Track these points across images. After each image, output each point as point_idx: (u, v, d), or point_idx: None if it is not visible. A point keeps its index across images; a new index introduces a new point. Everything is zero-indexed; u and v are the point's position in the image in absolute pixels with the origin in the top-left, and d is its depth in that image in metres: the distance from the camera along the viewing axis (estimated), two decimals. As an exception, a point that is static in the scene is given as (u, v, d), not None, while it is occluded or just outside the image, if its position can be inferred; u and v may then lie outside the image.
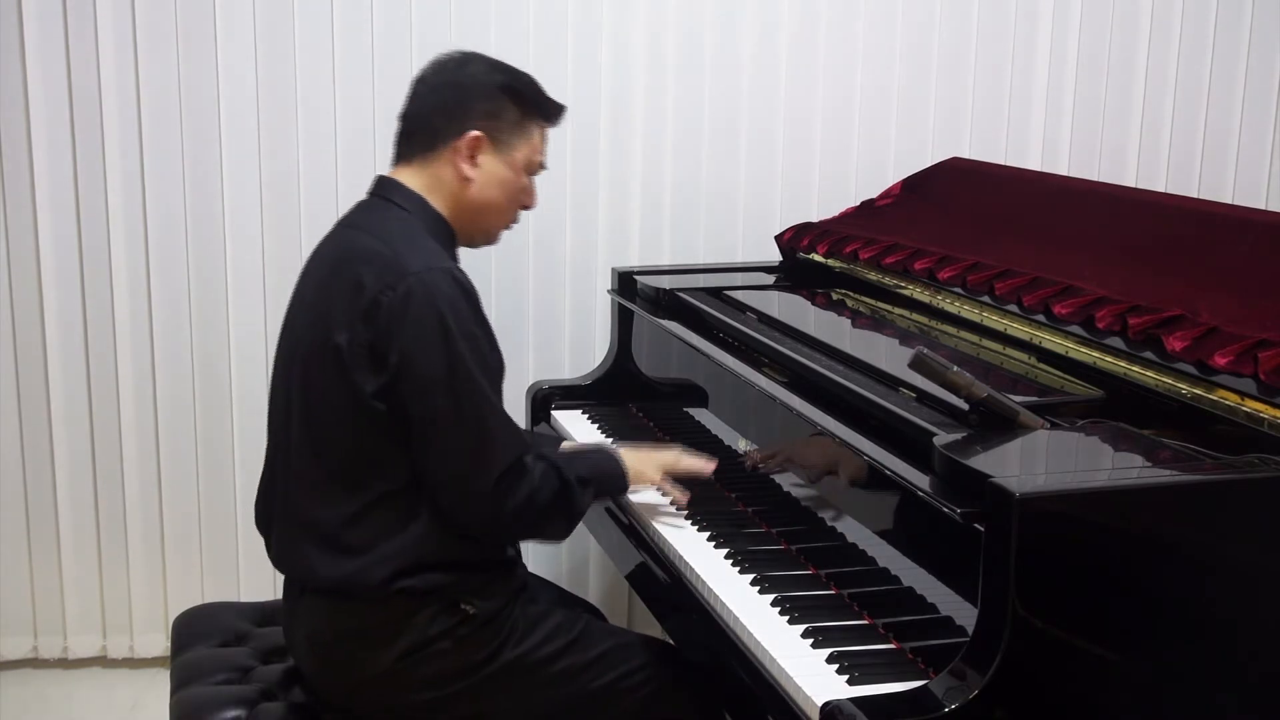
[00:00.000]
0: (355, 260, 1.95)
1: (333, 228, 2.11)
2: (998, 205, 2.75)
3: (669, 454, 2.25)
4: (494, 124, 2.05)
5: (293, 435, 2.00)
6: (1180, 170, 3.42)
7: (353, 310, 1.91)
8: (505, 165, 2.07)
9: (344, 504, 1.94)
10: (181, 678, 2.13)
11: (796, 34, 3.19)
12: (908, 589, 1.78)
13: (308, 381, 1.97)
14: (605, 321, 3.13)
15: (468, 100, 2.05)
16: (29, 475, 3.10)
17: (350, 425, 1.93)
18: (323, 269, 2.03)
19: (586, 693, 2.01)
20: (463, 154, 2.04)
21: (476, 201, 2.07)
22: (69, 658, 3.17)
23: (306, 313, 2.02)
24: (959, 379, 1.77)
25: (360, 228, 2.03)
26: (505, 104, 2.06)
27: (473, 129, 2.03)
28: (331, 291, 1.96)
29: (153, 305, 3.05)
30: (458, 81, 2.06)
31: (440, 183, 2.06)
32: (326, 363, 1.93)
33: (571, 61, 3.10)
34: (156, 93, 2.97)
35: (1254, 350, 1.82)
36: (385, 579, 1.93)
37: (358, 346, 1.90)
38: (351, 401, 1.91)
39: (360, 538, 1.94)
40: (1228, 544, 1.61)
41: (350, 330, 1.90)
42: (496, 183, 2.07)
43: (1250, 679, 1.65)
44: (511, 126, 2.07)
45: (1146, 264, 2.23)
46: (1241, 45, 3.39)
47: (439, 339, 1.88)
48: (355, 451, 1.94)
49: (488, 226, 2.14)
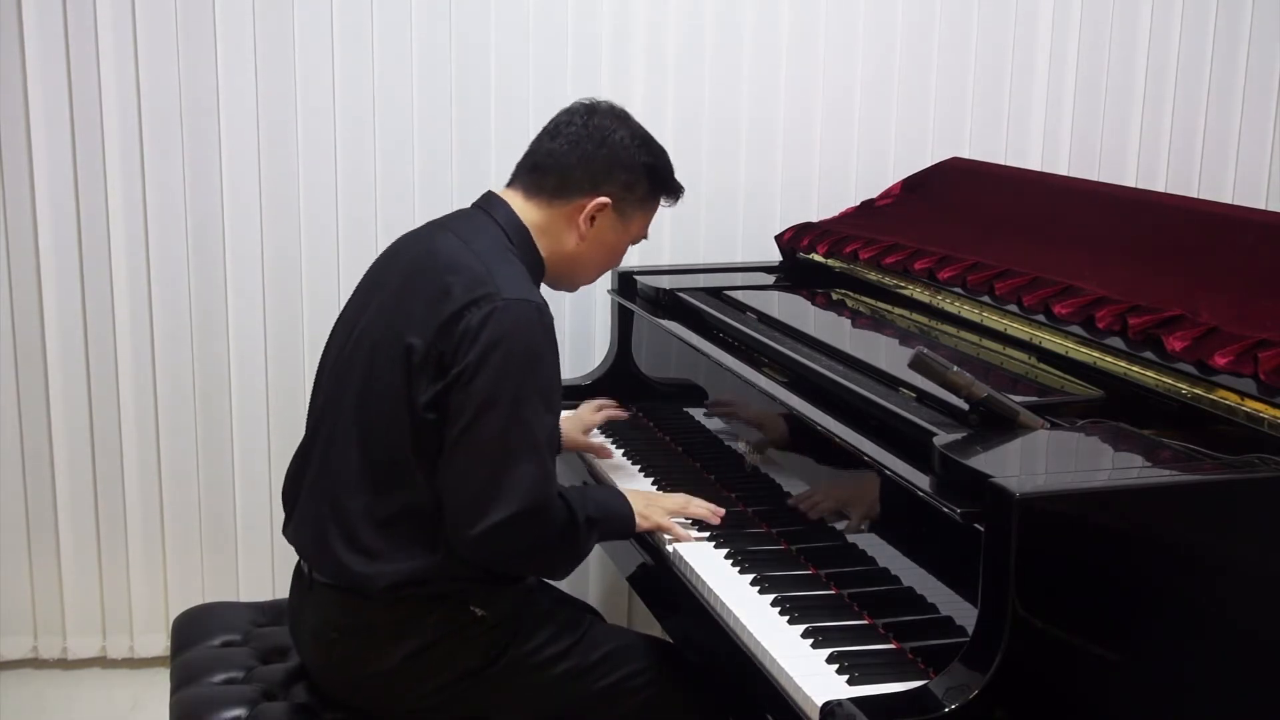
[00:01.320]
0: (446, 268, 1.95)
1: (423, 226, 2.13)
2: (998, 205, 2.75)
3: (677, 498, 2.21)
4: (625, 194, 2.10)
5: (341, 418, 2.00)
6: (1180, 170, 3.42)
7: (433, 316, 1.90)
8: (618, 233, 2.13)
9: (373, 503, 1.94)
10: (181, 678, 2.13)
11: (796, 34, 3.19)
12: (908, 589, 1.78)
13: (372, 371, 1.97)
14: (605, 321, 3.13)
15: (612, 166, 2.08)
16: (29, 475, 3.09)
17: (400, 427, 1.92)
18: (407, 267, 2.03)
19: (589, 694, 2.01)
20: (586, 213, 2.07)
21: (579, 259, 2.13)
22: (69, 658, 3.17)
23: (383, 304, 2.01)
24: (959, 379, 1.77)
25: (457, 235, 2.03)
26: (641, 180, 2.11)
27: (605, 194, 2.07)
28: (415, 291, 1.96)
29: (153, 305, 3.04)
30: (607, 142, 2.08)
31: (553, 228, 2.09)
32: (395, 359, 1.93)
33: (572, 61, 3.10)
34: (156, 93, 2.97)
35: (1254, 350, 1.82)
36: (396, 585, 1.93)
37: (429, 353, 1.90)
38: (407, 404, 1.91)
39: (380, 542, 1.93)
40: (1228, 544, 1.61)
41: (425, 335, 1.90)
42: (604, 247, 2.13)
43: (1250, 679, 1.65)
44: (638, 201, 2.13)
45: (1146, 264, 2.23)
46: (1241, 45, 3.39)
47: (507, 368, 1.87)
48: (396, 455, 1.93)
49: (576, 280, 2.21)
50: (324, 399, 2.07)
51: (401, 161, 3.06)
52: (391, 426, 1.93)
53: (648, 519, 2.14)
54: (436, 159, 3.06)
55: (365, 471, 1.95)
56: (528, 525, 1.89)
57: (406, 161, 3.06)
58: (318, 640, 2.01)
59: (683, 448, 2.58)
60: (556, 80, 3.09)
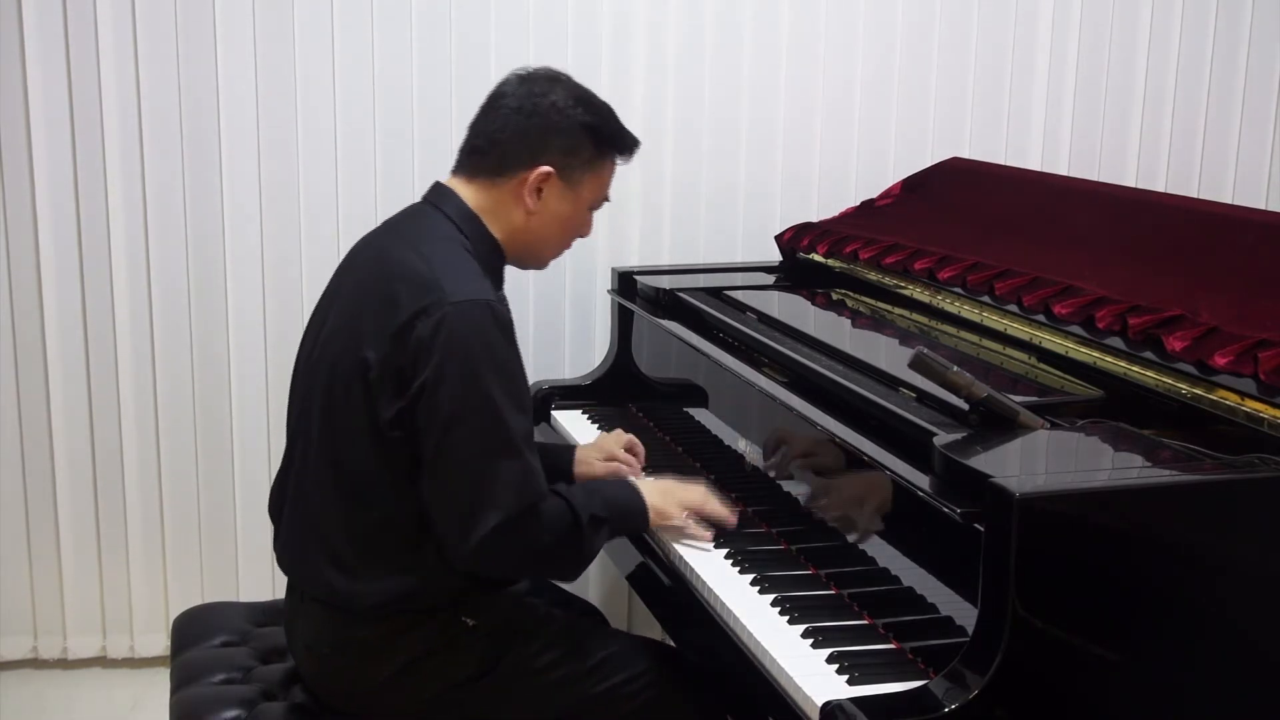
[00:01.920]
0: (394, 276, 1.91)
1: (377, 229, 2.08)
2: (998, 205, 2.75)
3: (695, 492, 2.14)
4: (567, 160, 2.01)
5: (312, 437, 1.97)
6: (1180, 170, 3.42)
7: (384, 329, 1.86)
8: (570, 202, 2.04)
9: (352, 521, 1.92)
10: (181, 678, 2.12)
11: (796, 34, 3.19)
12: (908, 589, 1.78)
13: (332, 389, 1.93)
14: (605, 321, 3.13)
15: (546, 134, 1.99)
16: (29, 475, 3.10)
17: (367, 445, 1.89)
18: (360, 275, 2.00)
19: (587, 699, 2.00)
20: (530, 186, 2.00)
21: (534, 234, 2.05)
22: (69, 658, 3.17)
23: (339, 316, 1.98)
24: (959, 379, 1.77)
25: (405, 238, 1.99)
26: (583, 141, 2.02)
27: (545, 164, 1.99)
28: (366, 303, 1.92)
29: (153, 305, 3.04)
30: (539, 109, 1.99)
31: (501, 208, 2.02)
32: (353, 377, 1.89)
33: (572, 61, 3.10)
34: (156, 93, 2.97)
35: (1254, 350, 1.82)
36: (383, 603, 1.92)
37: (386, 367, 1.86)
38: (370, 422, 1.88)
39: (362, 560, 1.92)
40: (1228, 544, 1.61)
41: (379, 350, 1.86)
42: (558, 218, 2.05)
43: (1250, 679, 1.65)
44: (584, 164, 2.03)
45: (1146, 264, 2.23)
46: (1241, 45, 3.39)
47: (464, 373, 1.83)
48: (368, 472, 1.90)
49: (540, 255, 2.13)
50: (296, 414, 2.05)
51: (401, 161, 3.06)
52: (357, 444, 1.89)
53: (664, 515, 2.08)
54: (436, 158, 3.05)
55: (337, 490, 1.93)
56: (524, 527, 1.86)
57: (406, 161, 3.06)
58: (311, 653, 2.01)
59: (683, 448, 2.58)
60: (556, 80, 3.09)
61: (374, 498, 1.91)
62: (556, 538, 1.91)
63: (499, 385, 1.85)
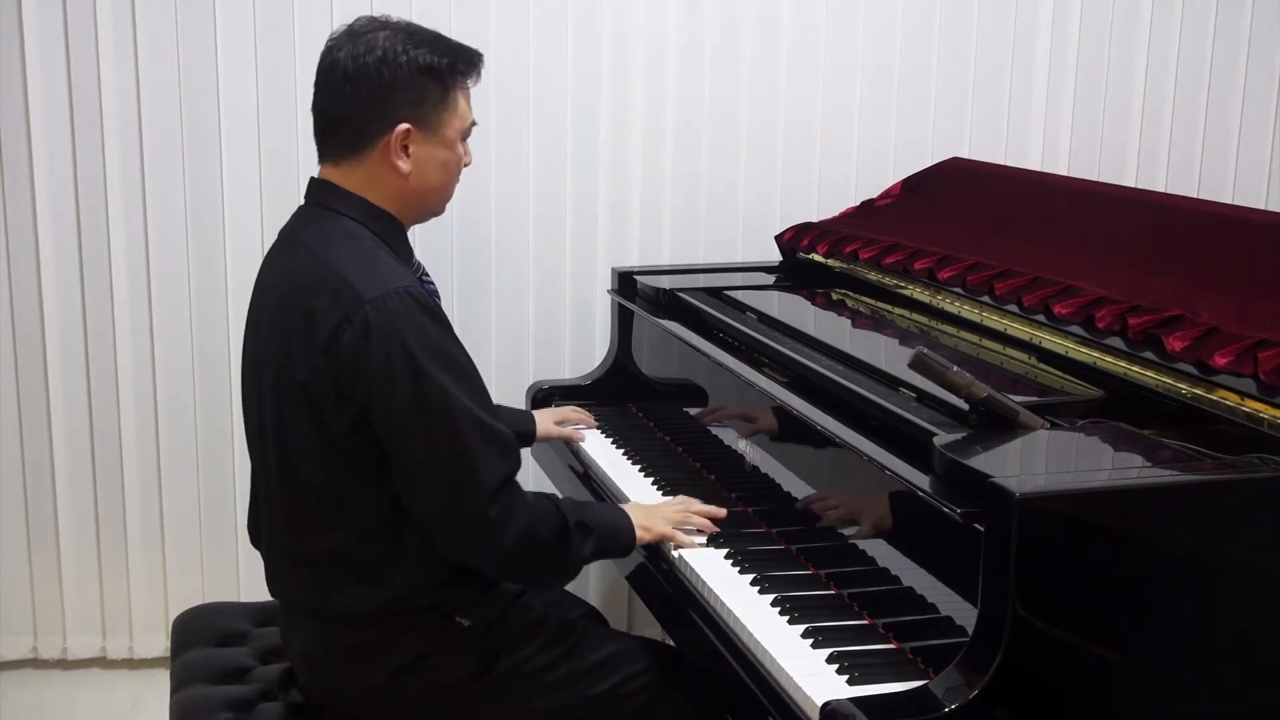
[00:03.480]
0: (305, 290, 1.86)
1: (276, 243, 2.02)
2: (998, 205, 2.75)
3: (677, 505, 2.16)
4: (419, 110, 1.92)
5: (270, 465, 1.95)
6: (1180, 170, 3.42)
7: (311, 347, 1.83)
8: (439, 146, 1.96)
9: (325, 539, 1.90)
10: (181, 678, 2.12)
11: (796, 34, 3.19)
12: (908, 589, 1.78)
13: (279, 417, 1.90)
14: (605, 321, 3.13)
15: (389, 92, 1.90)
16: (29, 475, 3.10)
17: (324, 463, 1.87)
18: (274, 297, 1.94)
19: (585, 699, 1.99)
20: (395, 149, 1.92)
21: (420, 190, 1.97)
22: (69, 658, 3.17)
23: (265, 345, 1.94)
24: (959, 379, 1.77)
25: (306, 247, 1.93)
26: (426, 85, 1.93)
27: (399, 122, 1.91)
28: (287, 325, 1.88)
29: (153, 305, 3.04)
30: (368, 72, 1.90)
31: (377, 178, 1.94)
32: (295, 401, 1.86)
33: (571, 61, 3.10)
34: (156, 93, 2.97)
35: (1254, 350, 1.82)
36: (373, 610, 1.91)
37: (323, 384, 1.83)
38: (322, 440, 1.86)
39: (345, 573, 1.91)
40: (1228, 544, 1.61)
41: (312, 368, 1.83)
42: (434, 165, 1.96)
43: (1250, 679, 1.65)
44: (436, 106, 1.94)
45: (1146, 264, 2.23)
46: (1241, 45, 3.39)
47: (407, 368, 1.80)
48: (332, 489, 1.88)
49: (432, 206, 2.04)
50: (254, 445, 2.01)
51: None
52: (315, 465, 1.87)
53: (649, 530, 2.08)
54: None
55: (306, 516, 1.91)
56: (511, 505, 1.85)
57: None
58: (306, 660, 2.01)
59: (683, 448, 2.58)
60: (556, 80, 3.09)
61: (343, 512, 1.89)
62: (546, 532, 1.90)
63: (442, 368, 1.83)
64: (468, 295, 3.12)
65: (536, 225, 3.14)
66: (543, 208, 3.14)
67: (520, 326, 3.18)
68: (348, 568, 1.91)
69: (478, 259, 3.12)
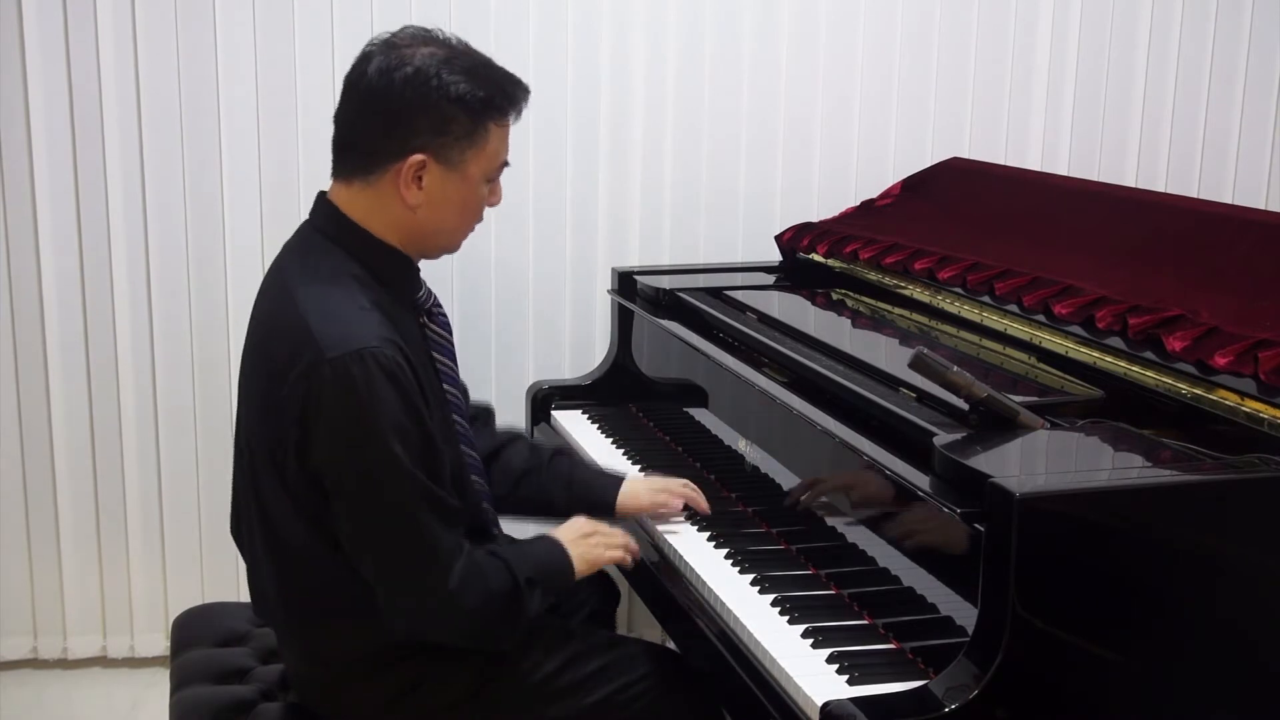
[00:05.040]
0: (274, 334, 1.78)
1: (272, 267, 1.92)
2: (998, 205, 2.75)
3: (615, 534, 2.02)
4: (440, 140, 1.78)
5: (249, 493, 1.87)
6: (1180, 170, 3.42)
7: (270, 403, 1.75)
8: (456, 183, 1.81)
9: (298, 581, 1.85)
10: (181, 678, 2.12)
11: (796, 34, 3.19)
12: (908, 589, 1.78)
13: (253, 460, 1.83)
14: (605, 321, 3.13)
15: (408, 117, 1.77)
16: (29, 475, 3.09)
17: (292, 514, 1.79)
18: (253, 335, 1.87)
19: (584, 707, 1.96)
20: (405, 179, 1.78)
21: (428, 227, 1.84)
22: (69, 658, 3.17)
23: (244, 384, 1.88)
24: (959, 379, 1.77)
25: (285, 284, 1.81)
26: (454, 114, 1.78)
27: (415, 152, 1.78)
28: (257, 371, 1.81)
29: (153, 305, 3.04)
30: (394, 89, 1.77)
31: (382, 208, 1.81)
32: (262, 452, 1.79)
33: (571, 61, 3.10)
34: (156, 93, 2.97)
35: (1254, 350, 1.82)
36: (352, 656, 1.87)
37: (284, 442, 1.74)
38: (289, 495, 1.78)
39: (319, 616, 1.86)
40: (1228, 544, 1.61)
41: (274, 425, 1.75)
42: (448, 204, 1.83)
43: (1250, 679, 1.65)
44: (462, 139, 1.79)
45: (1146, 264, 2.23)
46: (1241, 45, 3.39)
47: (362, 438, 1.69)
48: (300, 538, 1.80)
49: (442, 245, 1.91)
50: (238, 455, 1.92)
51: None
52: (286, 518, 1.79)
53: (587, 561, 1.94)
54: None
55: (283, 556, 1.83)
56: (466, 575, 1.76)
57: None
58: (299, 680, 1.99)
59: (683, 448, 2.58)
60: (556, 81, 3.09)
61: (314, 564, 1.82)
62: (499, 596, 1.81)
63: (396, 438, 1.71)
64: (468, 295, 3.12)
65: (536, 225, 3.14)
66: (543, 207, 3.14)
67: (520, 326, 3.18)
68: (329, 612, 1.86)
69: (478, 259, 3.11)
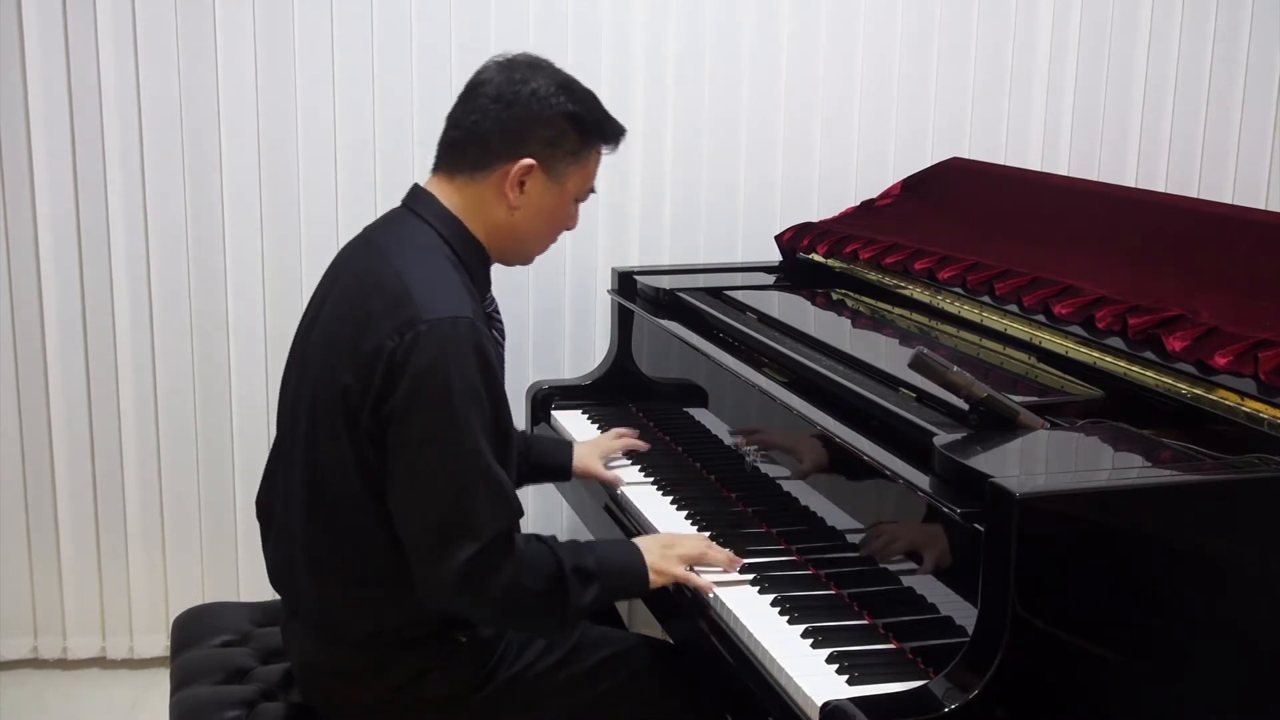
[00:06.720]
0: (370, 291, 1.84)
1: (358, 237, 2.01)
2: (998, 205, 2.75)
3: (694, 543, 2.02)
4: (550, 151, 1.92)
5: (296, 456, 1.92)
6: (1180, 170, 3.42)
7: (359, 350, 1.80)
8: (554, 195, 1.95)
9: (338, 548, 1.88)
10: (181, 678, 2.12)
11: (796, 34, 3.19)
12: (908, 589, 1.78)
13: (313, 410, 1.87)
14: (605, 321, 3.13)
15: (527, 124, 1.90)
16: (29, 475, 3.10)
17: (350, 471, 1.83)
18: (339, 292, 1.92)
19: (585, 701, 1.98)
20: (512, 180, 1.91)
21: (518, 230, 1.96)
22: (68, 658, 3.17)
23: (319, 335, 1.91)
24: (959, 379, 1.77)
25: (382, 250, 1.91)
26: (566, 131, 1.93)
27: (527, 156, 1.90)
28: (343, 321, 1.86)
29: (153, 305, 3.04)
30: (520, 97, 1.90)
31: (482, 205, 1.93)
32: (333, 402, 1.83)
33: (572, 62, 3.07)
34: (156, 93, 2.97)
35: (1254, 350, 1.82)
36: (374, 633, 1.89)
37: (363, 392, 1.79)
38: (352, 447, 1.82)
39: (351, 588, 1.88)
40: (1228, 544, 1.61)
41: (356, 373, 1.80)
42: (542, 212, 1.96)
43: (1250, 679, 1.65)
44: (568, 155, 1.94)
45: (1146, 264, 2.23)
46: (1241, 45, 3.39)
47: (441, 398, 1.75)
48: (353, 498, 1.84)
49: (525, 251, 2.04)
50: (284, 422, 1.98)
51: (401, 162, 3.05)
52: (341, 470, 1.83)
53: (663, 573, 1.95)
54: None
55: (323, 515, 1.87)
56: (500, 557, 1.78)
57: (406, 162, 3.06)
58: (305, 674, 2.00)
59: (683, 448, 2.58)
60: (556, 80, 3.09)
61: (359, 524, 1.85)
62: (536, 581, 1.82)
63: (473, 407, 1.77)
64: (468, 295, 3.12)
65: (536, 225, 3.14)
66: (543, 208, 3.14)
67: (520, 326, 3.18)
68: (356, 584, 1.88)
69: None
